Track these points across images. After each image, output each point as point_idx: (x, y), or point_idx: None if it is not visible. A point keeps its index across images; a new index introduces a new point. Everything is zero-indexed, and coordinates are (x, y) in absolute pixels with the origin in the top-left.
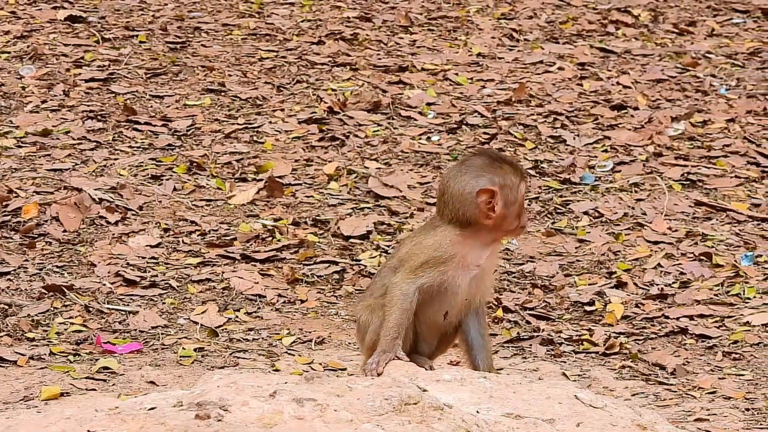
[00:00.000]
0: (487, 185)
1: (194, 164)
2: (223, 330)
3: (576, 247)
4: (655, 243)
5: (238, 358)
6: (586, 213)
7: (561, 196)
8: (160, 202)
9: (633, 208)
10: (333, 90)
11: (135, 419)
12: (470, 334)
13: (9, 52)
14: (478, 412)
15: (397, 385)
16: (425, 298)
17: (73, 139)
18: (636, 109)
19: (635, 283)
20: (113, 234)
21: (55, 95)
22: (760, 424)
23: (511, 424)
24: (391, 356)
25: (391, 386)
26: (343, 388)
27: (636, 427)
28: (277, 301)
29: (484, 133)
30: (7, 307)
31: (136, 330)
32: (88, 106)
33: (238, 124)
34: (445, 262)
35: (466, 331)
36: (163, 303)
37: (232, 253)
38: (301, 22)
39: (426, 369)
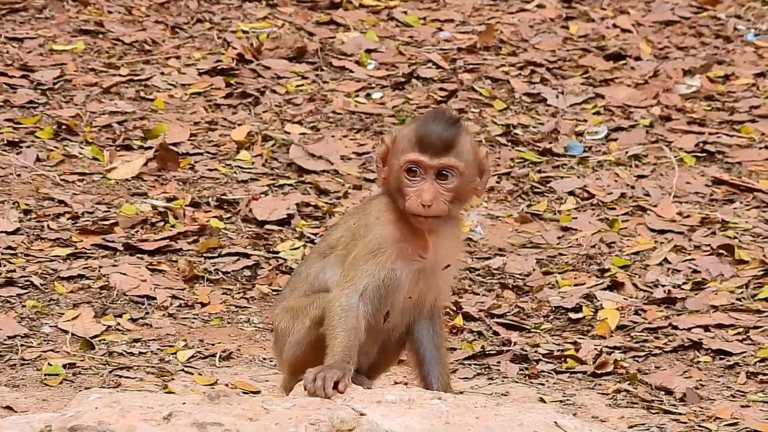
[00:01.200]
0: (385, 137)
1: (63, 127)
2: (100, 341)
3: (558, 237)
4: (661, 232)
5: (121, 377)
6: (571, 193)
7: (539, 171)
8: (19, 176)
9: (633, 188)
10: (244, 32)
11: None
12: (422, 345)
13: None
14: None
15: (327, 406)
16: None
17: None
18: (638, 59)
19: (635, 284)
20: None
21: None
22: None
23: None
24: (338, 375)
25: (319, 408)
26: (257, 409)
27: None
28: (171, 304)
29: (441, 89)
30: None
31: None
32: None
33: (120, 75)
34: (379, 249)
35: (416, 341)
36: (23, 306)
37: (113, 242)
38: None
39: (364, 387)
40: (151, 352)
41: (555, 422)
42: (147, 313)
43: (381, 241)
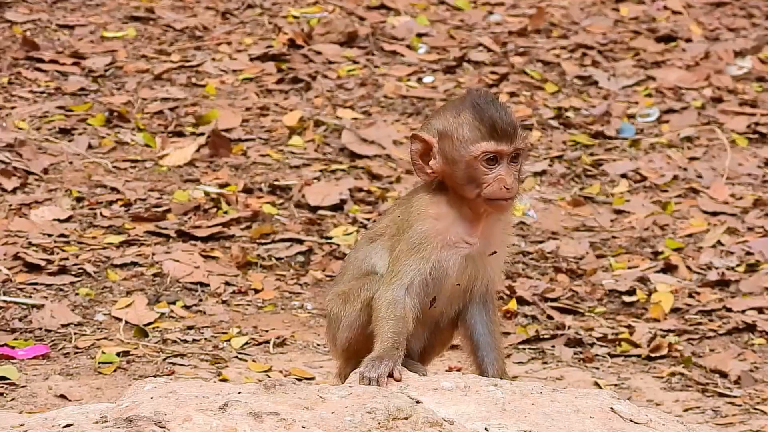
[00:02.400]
0: (422, 133)
1: (115, 114)
2: (154, 329)
3: (611, 220)
4: (714, 214)
5: (174, 364)
6: (624, 176)
7: (592, 154)
8: (71, 163)
9: (685, 170)
10: (295, 17)
11: None
12: (476, 331)
13: None
14: (486, 429)
15: (383, 394)
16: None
17: None
18: (689, 41)
19: (688, 267)
20: (10, 205)
21: None
22: None
23: None
24: (390, 366)
25: (375, 396)
26: (313, 398)
27: None
28: (224, 291)
29: (492, 72)
30: None
31: (41, 329)
32: None
33: (171, 62)
34: (422, 244)
35: (470, 327)
36: (77, 294)
37: (165, 229)
38: None
39: (420, 375)
40: (205, 339)
41: (611, 408)
42: (200, 299)
43: (423, 237)
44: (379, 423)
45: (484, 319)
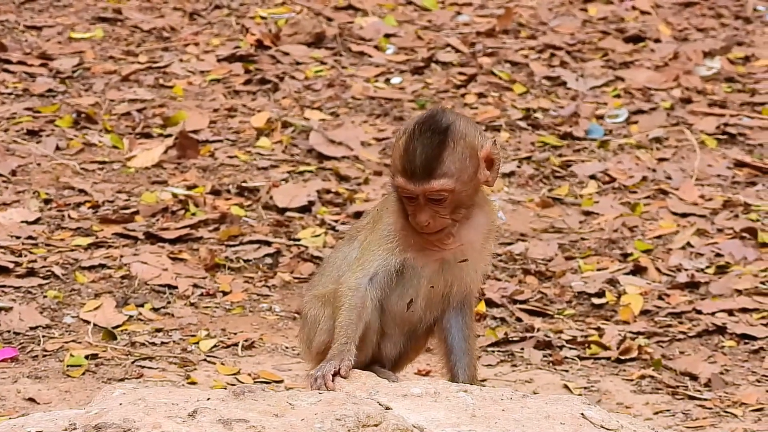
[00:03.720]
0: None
1: (82, 116)
2: (122, 331)
3: (580, 222)
4: (684, 216)
5: (143, 367)
6: (593, 177)
7: (560, 155)
8: (39, 165)
9: (654, 171)
10: (263, 18)
11: None
12: (451, 335)
13: None
14: None
15: (353, 401)
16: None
17: None
18: (657, 41)
19: (658, 269)
20: None
21: None
22: None
23: None
24: (336, 364)
25: (344, 403)
26: (282, 405)
27: None
28: (193, 293)
29: (460, 73)
30: None
31: (9, 332)
32: None
33: (139, 63)
34: (389, 236)
35: (445, 330)
36: (45, 297)
37: (134, 231)
38: None
39: (390, 381)
40: (174, 341)
41: (582, 414)
42: (169, 302)
43: (390, 229)
44: (349, 430)
45: (460, 324)
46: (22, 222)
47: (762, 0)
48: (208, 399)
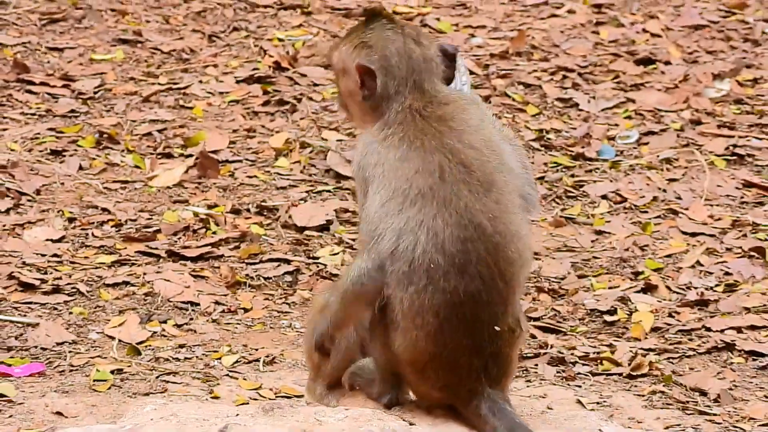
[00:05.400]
0: None
1: (105, 136)
2: (146, 347)
3: (592, 241)
4: (693, 235)
5: (167, 382)
6: (604, 197)
7: (573, 176)
8: (63, 184)
9: (664, 191)
10: (280, 40)
11: None
12: None
13: None
14: None
15: (378, 417)
16: None
17: None
18: (668, 63)
19: (668, 287)
20: (4, 225)
21: None
22: None
23: None
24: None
25: (370, 419)
26: (310, 421)
27: None
28: (214, 310)
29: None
30: None
31: (36, 347)
32: None
33: (159, 84)
34: None
35: None
36: (70, 313)
37: (156, 249)
38: None
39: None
40: (197, 357)
41: (600, 430)
42: (191, 318)
43: None
44: None
45: None
46: (47, 240)
47: None
48: (237, 415)
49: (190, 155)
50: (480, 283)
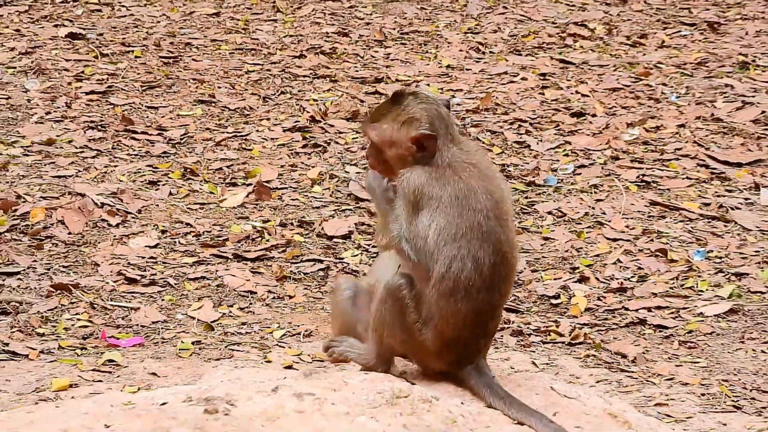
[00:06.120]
0: None
1: (188, 170)
2: (218, 324)
3: (541, 245)
4: (614, 240)
5: (233, 350)
6: (549, 213)
7: (527, 197)
8: (157, 205)
9: (593, 208)
10: (314, 100)
11: (149, 414)
12: None
13: (15, 67)
14: (462, 403)
15: (388, 379)
16: None
17: (76, 147)
18: (594, 116)
19: (597, 278)
20: (115, 236)
21: (58, 107)
22: (715, 408)
23: (493, 414)
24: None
25: (383, 381)
26: (339, 383)
27: (607, 415)
28: (267, 296)
29: None
30: (18, 304)
31: (137, 325)
32: (89, 116)
33: (227, 132)
34: None
35: None
36: (162, 300)
37: (225, 252)
38: (284, 37)
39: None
40: (254, 332)
41: (551, 387)
42: (250, 303)
43: None
44: (386, 400)
45: None
46: (146, 246)
47: (667, 86)
48: (285, 378)
49: (250, 184)
50: (498, 296)
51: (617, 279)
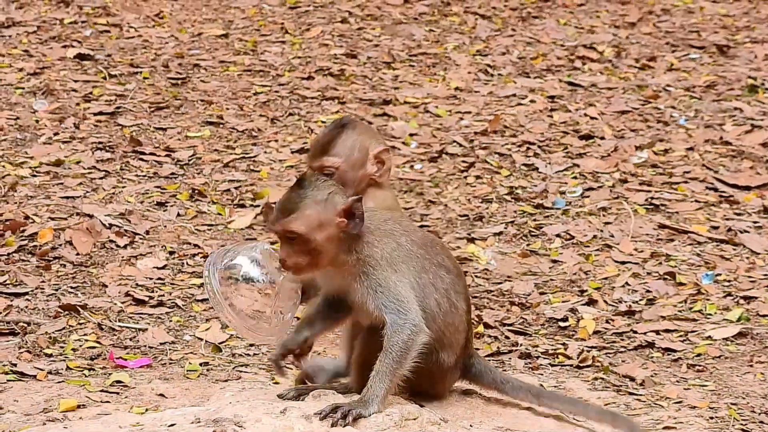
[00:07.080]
0: None
1: (196, 191)
2: (225, 346)
3: (550, 267)
4: (623, 263)
5: (241, 372)
6: (558, 235)
7: (535, 220)
8: (165, 226)
9: (601, 231)
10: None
11: None
12: None
13: (23, 88)
14: (471, 426)
15: (398, 402)
16: None
17: (84, 168)
18: (602, 138)
19: (605, 300)
20: (123, 257)
21: (67, 128)
22: None
23: None
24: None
25: (391, 403)
26: None
27: None
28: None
29: (463, 161)
30: (26, 325)
31: (145, 346)
32: (97, 137)
33: (235, 154)
34: None
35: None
36: (170, 321)
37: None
38: (292, 59)
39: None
40: (262, 353)
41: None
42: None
43: None
44: (395, 423)
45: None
46: (154, 267)
47: (676, 109)
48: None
49: (258, 205)
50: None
51: (626, 302)
